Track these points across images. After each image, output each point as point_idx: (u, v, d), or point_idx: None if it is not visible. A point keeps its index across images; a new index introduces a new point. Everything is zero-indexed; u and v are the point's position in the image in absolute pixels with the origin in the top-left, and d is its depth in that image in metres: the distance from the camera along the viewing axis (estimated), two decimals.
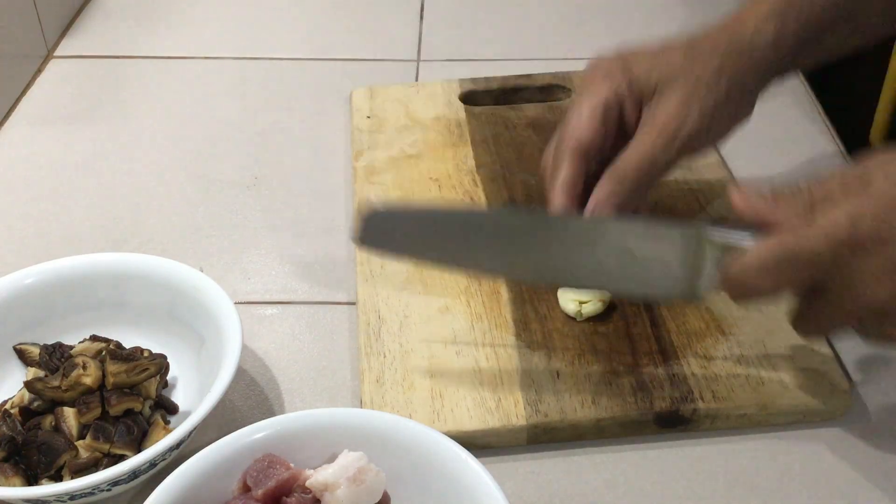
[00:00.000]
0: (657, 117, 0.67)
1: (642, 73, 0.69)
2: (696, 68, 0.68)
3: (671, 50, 0.70)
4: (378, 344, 0.70)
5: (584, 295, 0.70)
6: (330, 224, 0.84)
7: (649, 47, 0.71)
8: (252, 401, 0.69)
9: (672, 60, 0.69)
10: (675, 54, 0.69)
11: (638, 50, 0.71)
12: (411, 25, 1.12)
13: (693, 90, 0.67)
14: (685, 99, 0.67)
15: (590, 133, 0.67)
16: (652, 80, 0.68)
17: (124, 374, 0.63)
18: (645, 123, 0.68)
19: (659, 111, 0.67)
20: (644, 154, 0.67)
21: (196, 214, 0.85)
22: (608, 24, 1.12)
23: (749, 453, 0.64)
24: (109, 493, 0.59)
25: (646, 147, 0.67)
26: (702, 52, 0.69)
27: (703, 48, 0.69)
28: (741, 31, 0.70)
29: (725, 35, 0.70)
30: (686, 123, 0.67)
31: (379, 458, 0.53)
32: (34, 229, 0.83)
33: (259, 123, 0.96)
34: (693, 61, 0.68)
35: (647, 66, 0.69)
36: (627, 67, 0.69)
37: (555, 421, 0.64)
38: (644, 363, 0.67)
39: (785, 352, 0.68)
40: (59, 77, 1.03)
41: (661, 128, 0.67)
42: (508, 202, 0.81)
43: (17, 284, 0.69)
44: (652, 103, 0.68)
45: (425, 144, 0.89)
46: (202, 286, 0.68)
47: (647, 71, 0.69)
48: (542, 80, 0.96)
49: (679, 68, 0.68)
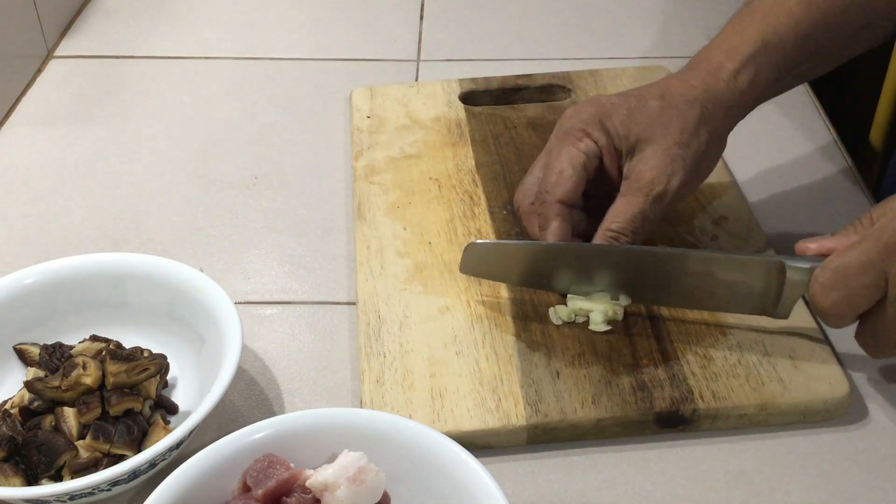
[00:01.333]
0: (642, 175, 0.69)
1: (620, 127, 0.70)
2: (674, 123, 0.70)
3: (646, 102, 0.71)
4: (378, 344, 0.70)
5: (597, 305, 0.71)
6: (330, 224, 0.84)
7: (624, 98, 0.72)
8: (252, 401, 0.69)
9: (649, 114, 0.70)
10: (652, 106, 0.71)
11: (613, 101, 0.72)
12: (411, 25, 1.12)
13: (675, 147, 0.69)
14: (668, 157, 0.69)
15: (573, 189, 0.70)
16: (631, 135, 0.70)
17: (124, 374, 0.63)
18: (630, 180, 0.70)
19: (643, 169, 0.70)
20: (635, 214, 0.69)
21: (196, 214, 0.85)
22: (608, 24, 1.12)
23: (749, 453, 0.64)
24: (109, 493, 0.60)
25: (635, 207, 0.69)
26: (678, 103, 0.70)
27: (678, 99, 0.71)
28: (716, 78, 0.71)
29: (701, 82, 0.71)
30: (672, 181, 0.69)
31: (379, 458, 0.53)
32: (34, 229, 0.84)
33: (259, 123, 0.96)
34: (671, 115, 0.70)
35: (625, 119, 0.70)
36: (605, 121, 0.71)
37: (555, 421, 0.64)
38: (644, 363, 0.67)
39: (785, 352, 0.68)
40: (59, 77, 1.03)
41: (647, 187, 0.69)
42: (508, 202, 0.81)
43: (17, 284, 0.69)
44: (634, 160, 0.70)
45: (425, 144, 0.89)
46: (202, 286, 0.68)
47: (624, 125, 0.70)
48: (542, 80, 0.96)
49: (657, 123, 0.70)
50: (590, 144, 0.71)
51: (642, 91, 0.73)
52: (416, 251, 0.77)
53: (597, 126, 0.71)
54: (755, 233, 0.78)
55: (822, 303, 0.62)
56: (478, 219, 0.80)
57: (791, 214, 0.83)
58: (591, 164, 0.71)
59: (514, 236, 0.78)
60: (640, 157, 0.70)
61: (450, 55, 1.06)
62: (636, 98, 0.72)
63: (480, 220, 0.80)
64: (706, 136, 0.70)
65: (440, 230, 0.79)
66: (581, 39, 1.09)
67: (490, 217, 0.80)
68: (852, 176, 0.88)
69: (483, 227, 0.79)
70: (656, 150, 0.69)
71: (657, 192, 0.69)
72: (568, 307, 0.71)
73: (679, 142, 0.69)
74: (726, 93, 0.71)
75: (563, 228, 0.70)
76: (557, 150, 0.71)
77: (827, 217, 0.83)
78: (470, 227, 0.79)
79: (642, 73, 0.97)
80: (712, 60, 0.72)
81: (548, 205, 0.71)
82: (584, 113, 0.72)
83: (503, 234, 0.78)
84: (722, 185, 0.83)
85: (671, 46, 1.07)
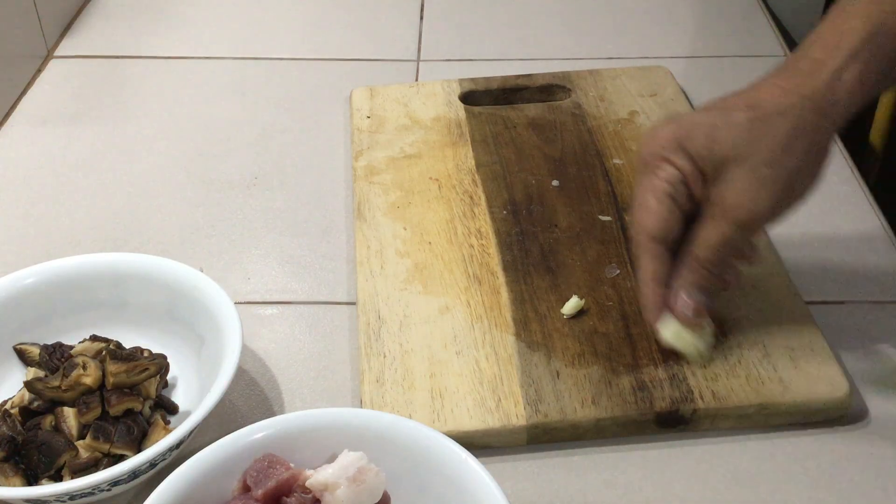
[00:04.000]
0: (727, 201, 0.63)
1: (703, 148, 0.63)
2: (764, 138, 0.62)
3: (731, 114, 0.63)
4: (378, 344, 0.70)
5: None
6: (330, 224, 0.84)
7: (707, 114, 0.64)
8: (252, 401, 0.69)
9: (735, 130, 0.62)
10: (738, 120, 0.62)
11: (694, 120, 0.65)
12: (411, 25, 1.12)
13: (763, 168, 0.62)
14: (755, 180, 0.62)
15: (662, 224, 0.64)
16: (715, 156, 0.63)
17: (124, 374, 0.63)
18: (715, 206, 0.63)
19: (728, 195, 0.63)
20: (718, 242, 0.63)
21: (196, 214, 0.85)
22: (608, 24, 1.12)
23: (749, 453, 0.64)
24: (109, 493, 0.59)
25: (719, 234, 0.63)
26: (769, 114, 0.62)
27: (769, 109, 0.62)
28: (815, 79, 0.62)
29: (795, 85, 0.63)
30: (759, 205, 0.62)
31: (379, 458, 0.53)
32: (34, 229, 0.83)
33: (259, 123, 0.96)
34: (760, 129, 0.62)
35: (707, 139, 0.63)
36: (685, 143, 0.63)
37: (555, 421, 0.64)
38: (644, 363, 0.67)
39: (785, 352, 0.68)
40: (59, 77, 1.03)
41: (732, 214, 0.63)
42: (508, 202, 0.81)
43: (17, 284, 0.69)
44: (719, 182, 0.63)
45: (425, 144, 0.89)
46: (202, 286, 0.68)
47: (707, 146, 0.63)
48: (542, 80, 0.96)
49: (744, 140, 0.62)
50: (672, 172, 0.63)
51: (729, 101, 0.64)
52: (416, 251, 0.77)
53: (677, 150, 0.63)
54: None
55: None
56: (478, 219, 0.80)
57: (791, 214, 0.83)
58: (677, 192, 0.64)
59: (514, 236, 0.78)
60: (724, 180, 0.62)
61: (450, 55, 1.06)
62: (720, 112, 0.64)
63: (480, 220, 0.80)
64: (802, 152, 0.62)
65: (440, 230, 0.79)
66: (581, 39, 1.09)
67: (490, 217, 0.80)
68: (852, 176, 0.88)
69: (483, 227, 0.79)
70: (742, 171, 0.62)
71: (741, 219, 0.62)
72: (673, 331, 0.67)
73: (768, 161, 0.61)
74: (827, 96, 0.62)
75: (653, 266, 0.65)
76: (640, 180, 0.65)
77: (827, 217, 0.83)
78: (470, 227, 0.79)
79: (642, 73, 0.97)
80: (810, 59, 0.63)
81: (639, 242, 0.65)
82: (663, 137, 0.64)
83: (503, 234, 0.78)
84: None
85: (671, 46, 1.07)
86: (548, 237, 0.78)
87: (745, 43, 1.08)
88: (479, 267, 0.75)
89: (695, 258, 0.64)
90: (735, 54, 1.06)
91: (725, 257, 0.64)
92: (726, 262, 0.65)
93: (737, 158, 0.62)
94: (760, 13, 1.14)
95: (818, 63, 0.62)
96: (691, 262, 0.65)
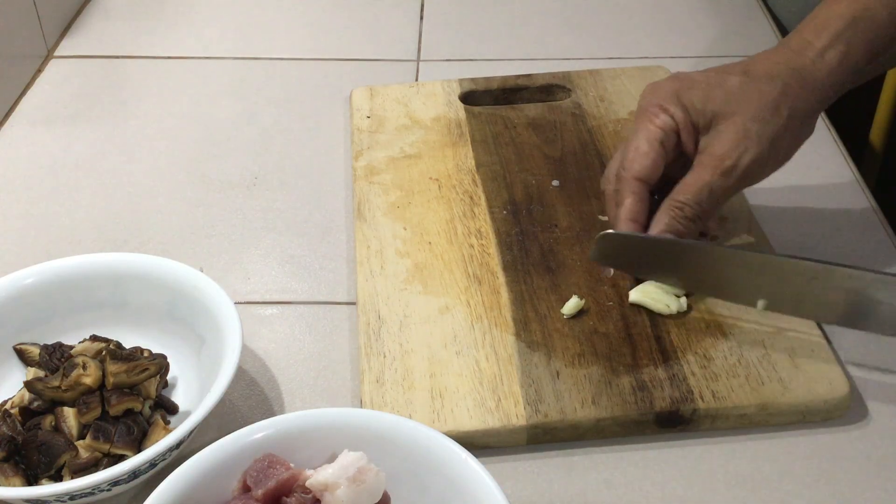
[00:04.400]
0: (714, 150, 0.68)
1: (698, 102, 0.69)
2: (753, 98, 0.68)
3: (727, 77, 0.69)
4: (378, 344, 0.70)
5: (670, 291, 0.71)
6: (330, 224, 0.84)
7: (705, 74, 0.70)
8: (252, 401, 0.69)
9: (729, 90, 0.69)
10: (732, 82, 0.69)
11: (693, 77, 0.70)
12: (411, 25, 1.12)
13: (751, 122, 0.67)
14: (742, 132, 0.67)
15: (650, 166, 0.69)
16: (708, 110, 0.69)
17: (124, 374, 0.63)
18: (703, 155, 0.69)
19: (716, 144, 0.68)
20: (702, 187, 0.68)
21: (196, 214, 0.85)
22: (608, 24, 1.12)
23: (749, 453, 0.64)
24: (109, 493, 0.59)
25: (703, 180, 0.68)
26: (759, 79, 0.69)
27: (760, 75, 0.69)
28: (802, 55, 0.69)
29: (785, 59, 0.69)
30: (744, 157, 0.68)
31: (379, 458, 0.53)
32: (34, 229, 0.83)
33: (259, 123, 0.96)
34: (750, 91, 0.68)
35: (703, 95, 0.69)
36: (682, 96, 0.69)
37: (555, 421, 0.64)
38: (644, 363, 0.67)
39: (785, 352, 0.68)
40: (59, 77, 1.03)
41: (718, 161, 0.68)
42: (508, 202, 0.81)
43: (17, 284, 0.69)
44: (710, 134, 0.69)
45: (425, 144, 0.89)
46: (202, 286, 0.68)
47: (702, 100, 0.69)
48: (542, 80, 0.96)
49: (736, 99, 0.68)
50: (666, 120, 0.69)
51: (725, 68, 0.71)
52: (416, 251, 0.77)
53: (674, 101, 0.69)
54: (755, 233, 0.78)
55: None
56: (478, 219, 0.80)
57: (791, 214, 0.83)
58: (668, 139, 0.69)
59: (514, 236, 0.78)
60: (714, 132, 0.69)
61: (450, 55, 1.06)
62: (717, 74, 0.70)
63: (480, 220, 0.80)
64: (786, 114, 0.68)
65: (440, 230, 0.79)
66: (581, 39, 1.09)
67: (490, 217, 0.80)
68: (852, 176, 0.88)
69: (483, 226, 0.79)
70: (731, 125, 0.68)
71: (726, 166, 0.68)
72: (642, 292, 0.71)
73: (756, 117, 0.67)
74: (812, 71, 0.68)
75: (636, 206, 0.69)
76: (635, 128, 0.70)
77: (827, 217, 0.83)
78: (470, 227, 0.79)
79: (642, 73, 0.97)
80: (800, 38, 0.70)
81: (624, 181, 0.70)
82: (663, 89, 0.70)
83: (503, 234, 0.78)
84: None
85: (671, 46, 1.07)
86: (548, 237, 0.78)
87: (744, 43, 1.08)
88: (479, 267, 0.75)
89: (675, 201, 0.69)
90: (735, 54, 1.06)
91: (703, 201, 0.68)
92: (702, 208, 0.69)
93: (727, 113, 0.68)
94: (760, 13, 1.14)
95: (806, 42, 0.69)
96: (670, 204, 0.69)
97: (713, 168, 0.68)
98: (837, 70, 0.69)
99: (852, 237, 0.81)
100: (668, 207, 0.69)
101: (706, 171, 0.68)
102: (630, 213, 0.69)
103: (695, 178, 0.69)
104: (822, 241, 0.80)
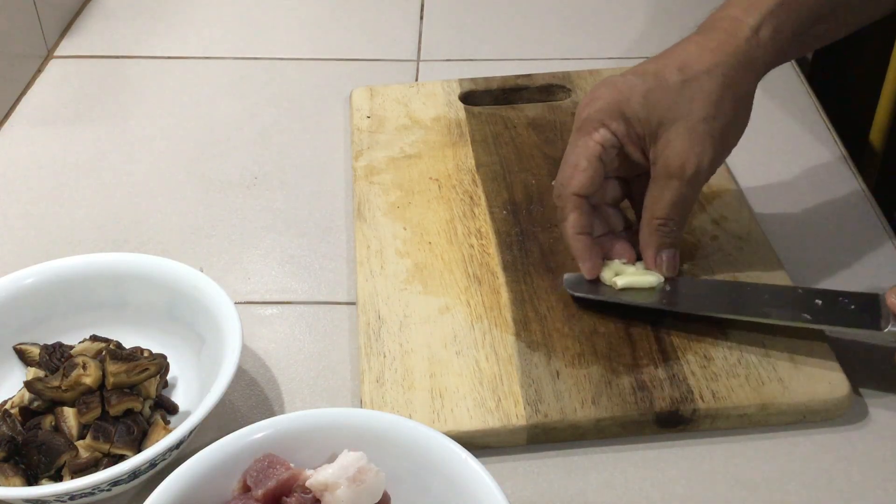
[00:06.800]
0: (671, 161, 0.68)
1: (640, 111, 0.68)
2: (696, 97, 0.67)
3: (664, 78, 0.68)
4: (378, 344, 0.70)
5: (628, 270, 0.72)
6: (330, 224, 0.84)
7: (641, 77, 0.69)
8: (252, 401, 0.69)
9: (669, 94, 0.68)
10: (671, 83, 0.68)
11: (630, 83, 0.69)
12: (411, 25, 1.12)
13: (698, 124, 0.67)
14: (693, 136, 0.67)
15: (587, 182, 0.69)
16: (653, 119, 0.68)
17: (124, 374, 0.63)
18: (658, 166, 0.68)
19: (671, 155, 0.68)
20: (675, 200, 0.68)
21: (196, 214, 0.85)
22: (608, 24, 1.12)
23: (749, 453, 0.64)
24: (109, 493, 0.59)
25: (674, 193, 0.68)
26: (698, 75, 0.67)
27: (698, 70, 0.68)
28: (735, 37, 0.68)
29: (718, 44, 0.68)
30: (702, 160, 0.67)
31: (379, 458, 0.53)
32: (34, 229, 0.83)
33: (259, 123, 0.96)
34: (692, 90, 0.67)
35: (643, 103, 0.68)
36: (623, 107, 0.68)
37: (555, 421, 0.64)
38: (644, 363, 0.67)
39: (785, 352, 0.68)
40: (59, 77, 1.03)
41: (679, 171, 0.68)
42: (508, 202, 0.81)
43: (17, 284, 0.69)
44: (659, 144, 0.68)
45: (425, 144, 0.89)
46: (202, 286, 0.68)
47: (644, 109, 0.68)
48: (542, 80, 0.96)
49: (678, 102, 0.67)
50: (606, 135, 0.68)
51: (659, 64, 0.69)
52: (416, 251, 0.77)
53: (614, 114, 0.68)
54: (755, 233, 0.78)
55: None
56: (478, 219, 0.80)
57: (791, 215, 0.83)
58: (608, 154, 0.69)
59: (514, 236, 0.78)
60: (665, 141, 0.68)
61: (450, 55, 1.06)
62: (654, 76, 0.68)
63: (480, 220, 0.80)
64: (731, 105, 0.68)
65: (440, 230, 0.79)
66: (581, 39, 1.09)
67: (490, 217, 0.80)
68: (852, 176, 0.88)
69: (483, 227, 0.79)
70: (681, 131, 0.67)
71: (689, 174, 0.67)
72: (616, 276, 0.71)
73: (703, 117, 0.67)
74: (748, 52, 0.68)
75: (581, 219, 0.70)
76: (574, 141, 0.70)
77: (827, 217, 0.83)
78: (470, 227, 0.79)
79: None
80: (730, 18, 0.69)
81: (564, 198, 0.70)
82: (600, 100, 0.69)
83: (503, 234, 0.78)
84: (722, 186, 0.83)
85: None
86: (548, 237, 0.78)
87: None
88: (479, 267, 0.75)
89: (656, 219, 0.69)
90: None
91: (680, 211, 0.69)
92: (682, 216, 0.70)
93: (673, 120, 0.67)
94: None
95: (737, 21, 0.68)
96: (652, 223, 0.69)
97: (678, 179, 0.67)
98: (770, 48, 0.68)
99: (852, 237, 0.81)
100: (652, 227, 0.70)
101: (672, 182, 0.68)
102: (576, 227, 0.70)
103: (663, 193, 0.68)
104: (821, 241, 0.80)
